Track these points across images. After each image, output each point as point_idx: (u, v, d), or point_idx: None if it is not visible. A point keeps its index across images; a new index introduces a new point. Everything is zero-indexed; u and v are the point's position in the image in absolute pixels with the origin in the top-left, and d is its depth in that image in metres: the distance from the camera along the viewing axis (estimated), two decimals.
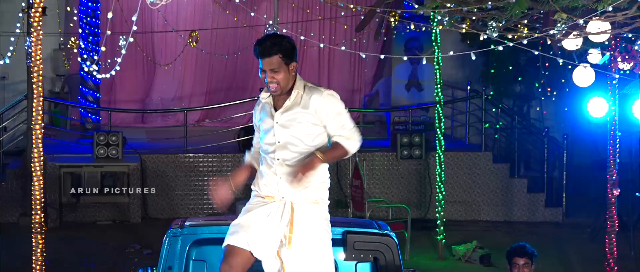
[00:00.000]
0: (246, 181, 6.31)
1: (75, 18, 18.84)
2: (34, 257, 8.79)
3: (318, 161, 5.83)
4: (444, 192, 15.44)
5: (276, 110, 5.95)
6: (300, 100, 5.91)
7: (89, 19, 18.97)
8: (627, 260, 11.98)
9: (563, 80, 16.62)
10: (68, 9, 18.84)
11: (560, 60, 10.51)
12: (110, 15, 11.41)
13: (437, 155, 15.44)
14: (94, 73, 17.64)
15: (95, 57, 17.82)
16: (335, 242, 6.83)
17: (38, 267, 8.77)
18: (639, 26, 9.40)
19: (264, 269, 6.01)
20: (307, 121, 5.90)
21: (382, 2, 15.82)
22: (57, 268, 11.21)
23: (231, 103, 19.80)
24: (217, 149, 17.35)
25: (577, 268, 13.77)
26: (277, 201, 5.99)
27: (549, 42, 10.27)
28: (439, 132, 15.42)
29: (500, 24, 10.41)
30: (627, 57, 10.33)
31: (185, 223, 7.46)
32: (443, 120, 15.58)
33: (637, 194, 12.00)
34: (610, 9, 8.91)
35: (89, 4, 19.01)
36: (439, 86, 15.46)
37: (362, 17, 18.35)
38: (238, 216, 6.12)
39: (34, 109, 9.08)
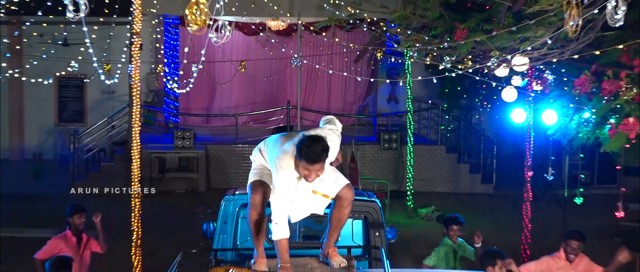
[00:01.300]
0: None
1: (162, 51, 18.91)
2: (132, 214, 8.83)
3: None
4: (412, 172, 15.47)
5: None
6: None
7: (171, 52, 19.06)
8: (537, 221, 11.96)
9: (495, 97, 16.56)
10: (157, 45, 18.89)
11: (493, 83, 10.47)
12: (186, 49, 11.40)
13: (407, 147, 15.47)
14: (175, 89, 17.65)
15: (175, 78, 17.85)
16: None
17: (136, 222, 8.80)
18: (548, 61, 9.36)
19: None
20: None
21: (372, 43, 15.83)
22: (149, 223, 11.27)
23: (267, 110, 19.92)
24: (257, 141, 17.30)
25: (503, 226, 13.77)
26: None
27: (485, 71, 10.24)
28: (409, 132, 15.45)
29: (453, 58, 10.38)
30: (539, 81, 10.30)
31: (236, 192, 7.49)
32: (412, 123, 15.61)
33: (544, 175, 11.95)
34: (529, 48, 8.89)
35: (172, 42, 19.11)
36: (409, 100, 15.49)
37: (358, 53, 18.44)
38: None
39: (133, 113, 9.10)
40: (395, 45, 13.96)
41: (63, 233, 7.94)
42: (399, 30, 12.10)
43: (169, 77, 17.93)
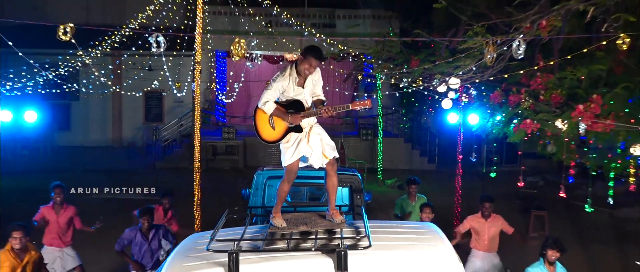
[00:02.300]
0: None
1: (214, 74, 18.85)
2: (195, 183, 8.83)
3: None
4: (382, 155, 15.43)
5: (300, 84, 4.55)
6: (311, 79, 4.56)
7: (221, 74, 18.98)
8: (465, 188, 11.90)
9: (437, 105, 16.50)
10: (212, 70, 18.86)
11: (436, 96, 10.46)
12: (231, 73, 11.39)
13: (379, 139, 15.42)
14: (223, 99, 17.64)
15: (224, 92, 17.82)
16: None
17: (197, 188, 8.80)
18: (472, 81, 9.35)
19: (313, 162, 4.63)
20: (312, 86, 4.61)
21: (355, 69, 15.81)
22: (206, 190, 11.24)
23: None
24: None
25: (442, 191, 13.72)
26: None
27: (431, 88, 10.23)
28: (380, 129, 15.41)
29: (409, 79, 10.38)
30: (466, 96, 10.29)
31: (264, 168, 7.49)
32: (381, 123, 15.58)
33: (470, 157, 11.87)
34: (460, 73, 8.90)
35: (221, 67, 19.04)
36: (380, 107, 15.43)
37: (345, 75, 18.39)
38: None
39: (195, 116, 9.12)
40: (371, 70, 13.96)
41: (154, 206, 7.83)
42: (373, 60, 12.12)
43: (219, 91, 17.90)
